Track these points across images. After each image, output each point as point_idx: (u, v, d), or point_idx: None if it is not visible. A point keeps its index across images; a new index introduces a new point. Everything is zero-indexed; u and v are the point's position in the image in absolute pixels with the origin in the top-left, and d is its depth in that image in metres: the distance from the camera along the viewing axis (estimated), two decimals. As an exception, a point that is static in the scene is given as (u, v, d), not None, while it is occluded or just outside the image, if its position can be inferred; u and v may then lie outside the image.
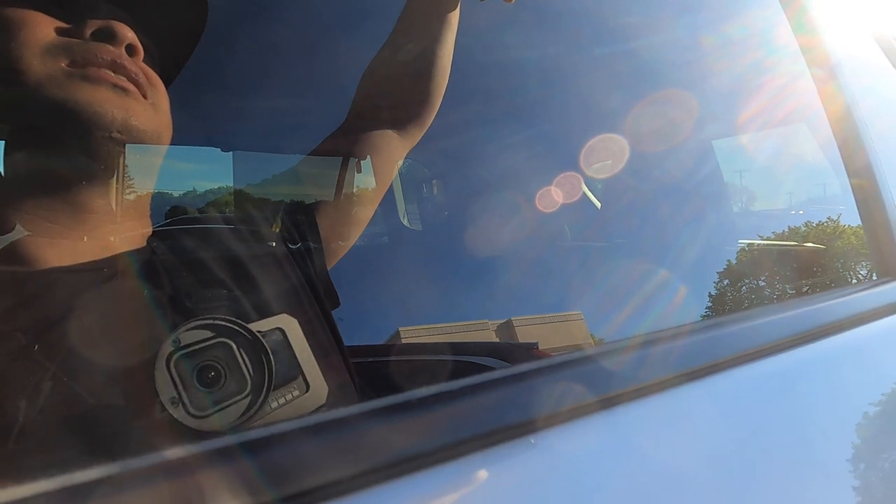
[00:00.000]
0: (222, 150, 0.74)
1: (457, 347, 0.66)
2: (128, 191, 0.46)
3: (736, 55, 0.93)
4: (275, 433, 0.27)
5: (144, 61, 0.45)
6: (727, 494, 0.42)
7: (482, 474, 0.31)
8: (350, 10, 0.76)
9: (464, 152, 0.91)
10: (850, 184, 0.84)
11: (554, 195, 0.83)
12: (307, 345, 0.37)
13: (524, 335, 0.71)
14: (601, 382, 0.41)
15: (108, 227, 0.44)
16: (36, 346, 0.36)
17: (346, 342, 0.53)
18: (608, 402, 0.40)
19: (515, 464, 0.34)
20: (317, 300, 0.51)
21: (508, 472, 0.33)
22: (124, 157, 0.44)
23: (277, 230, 0.55)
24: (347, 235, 0.63)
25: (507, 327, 0.71)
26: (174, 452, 0.24)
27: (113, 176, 0.44)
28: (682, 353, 0.47)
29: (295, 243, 0.55)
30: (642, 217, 0.96)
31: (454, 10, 0.65)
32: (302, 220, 0.58)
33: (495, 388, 0.36)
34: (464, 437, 0.32)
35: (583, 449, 0.37)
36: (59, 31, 0.42)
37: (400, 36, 0.65)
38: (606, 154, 0.86)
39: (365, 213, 0.67)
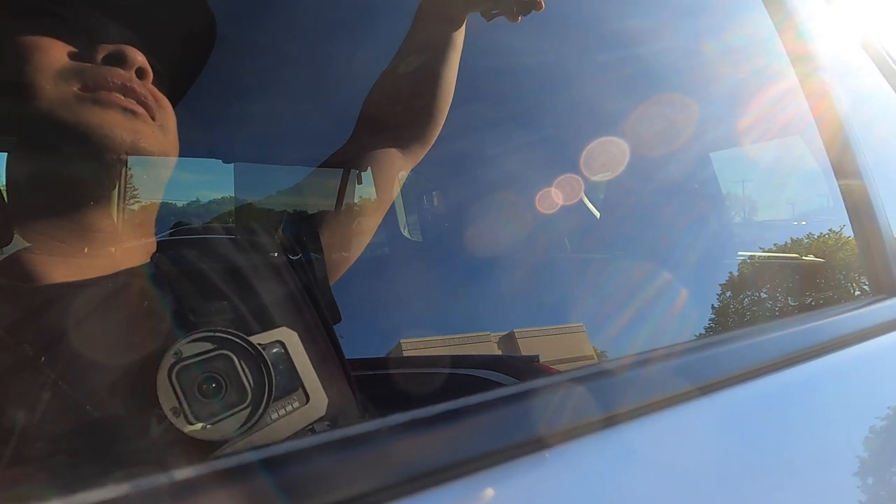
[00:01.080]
0: (224, 162, 0.75)
1: (457, 360, 0.66)
2: (133, 207, 0.47)
3: (728, 68, 0.94)
4: (287, 450, 0.27)
5: (153, 82, 0.46)
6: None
7: (489, 492, 0.32)
8: (354, 25, 0.77)
9: (464, 164, 0.92)
10: (843, 200, 0.84)
11: (553, 206, 0.83)
12: (307, 357, 0.37)
13: (526, 347, 0.71)
14: (610, 398, 0.41)
15: (113, 244, 0.45)
16: (42, 359, 0.36)
17: (348, 354, 0.53)
18: (617, 419, 0.40)
19: (524, 481, 0.34)
20: (318, 312, 0.52)
21: (518, 489, 0.33)
22: (131, 175, 0.45)
23: (279, 242, 0.56)
24: (349, 248, 0.63)
25: (509, 339, 0.71)
26: (181, 472, 0.24)
27: (120, 195, 0.45)
28: (680, 370, 0.47)
29: (296, 255, 0.56)
30: (641, 229, 0.96)
31: (459, 30, 0.66)
32: (304, 231, 0.59)
33: (500, 406, 0.36)
34: (476, 453, 0.32)
35: (593, 465, 0.37)
36: (71, 56, 0.43)
37: (405, 56, 0.66)
38: (604, 166, 0.86)
39: (367, 227, 0.67)
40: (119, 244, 0.45)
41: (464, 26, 0.66)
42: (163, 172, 0.48)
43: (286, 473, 0.26)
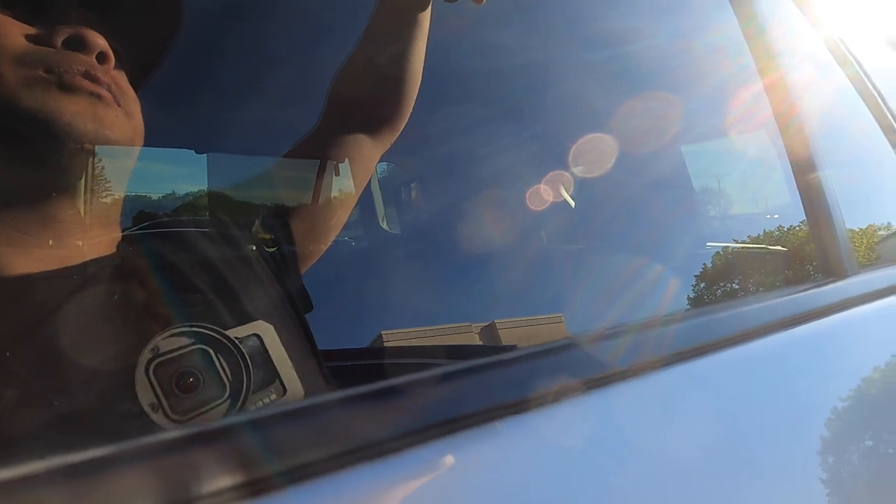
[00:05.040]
0: (196, 152, 0.74)
1: (433, 351, 0.67)
2: (98, 197, 0.46)
3: (694, 67, 0.96)
4: (252, 419, 0.28)
5: (115, 67, 0.44)
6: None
7: (449, 460, 0.32)
8: (323, 12, 0.76)
9: (443, 155, 0.92)
10: (799, 192, 0.88)
11: (531, 198, 0.85)
12: (283, 349, 0.38)
13: (507, 338, 0.72)
14: (573, 369, 0.42)
15: (78, 235, 0.43)
16: (7, 354, 0.35)
17: (329, 346, 0.54)
18: (579, 389, 0.40)
19: (487, 448, 0.34)
20: (291, 304, 0.52)
21: (481, 455, 0.34)
22: (95, 164, 0.43)
23: (251, 234, 0.55)
24: (321, 239, 0.63)
25: (490, 330, 0.72)
26: (154, 437, 0.24)
27: (83, 184, 0.43)
28: (636, 346, 0.48)
29: (268, 247, 0.55)
30: (617, 221, 0.98)
31: (425, 11, 0.64)
32: (275, 224, 0.58)
33: (449, 380, 0.36)
34: (432, 422, 0.32)
35: (546, 435, 0.38)
36: (30, 39, 0.41)
37: (370, 39, 0.65)
38: (582, 158, 0.88)
39: (339, 217, 0.67)
40: (85, 235, 0.44)
41: (429, 8, 0.65)
42: (128, 161, 0.47)
43: (248, 439, 0.27)
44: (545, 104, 0.96)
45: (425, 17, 0.65)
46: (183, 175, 0.70)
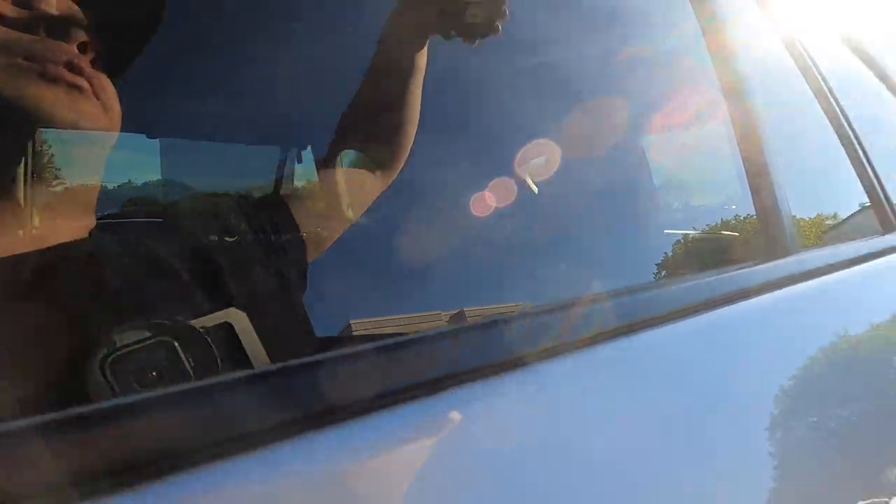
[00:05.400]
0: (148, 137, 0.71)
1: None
2: (71, 184, 0.45)
3: (654, 58, 0.99)
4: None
5: (96, 58, 0.43)
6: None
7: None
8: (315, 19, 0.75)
9: (413, 147, 0.92)
10: (747, 177, 0.93)
11: (494, 188, 0.85)
12: (257, 338, 0.36)
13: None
14: (527, 339, 0.42)
15: (49, 222, 0.43)
16: None
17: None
18: (532, 359, 0.41)
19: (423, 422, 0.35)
20: (278, 292, 0.51)
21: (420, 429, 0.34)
22: (70, 151, 0.42)
23: (238, 224, 0.55)
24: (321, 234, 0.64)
25: (459, 318, 0.72)
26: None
27: (56, 171, 0.43)
28: (586, 318, 0.48)
29: (254, 235, 0.55)
30: (580, 211, 1.00)
31: (422, 51, 0.67)
32: (265, 214, 0.58)
33: (405, 349, 0.36)
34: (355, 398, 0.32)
35: (510, 402, 0.39)
36: (11, 25, 0.40)
37: (374, 80, 0.67)
38: (541, 154, 0.89)
39: (332, 232, 0.70)
40: (56, 221, 0.43)
41: (426, 48, 0.68)
42: (102, 147, 0.46)
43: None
44: (514, 99, 0.97)
45: (422, 56, 0.67)
46: (158, 163, 0.67)
